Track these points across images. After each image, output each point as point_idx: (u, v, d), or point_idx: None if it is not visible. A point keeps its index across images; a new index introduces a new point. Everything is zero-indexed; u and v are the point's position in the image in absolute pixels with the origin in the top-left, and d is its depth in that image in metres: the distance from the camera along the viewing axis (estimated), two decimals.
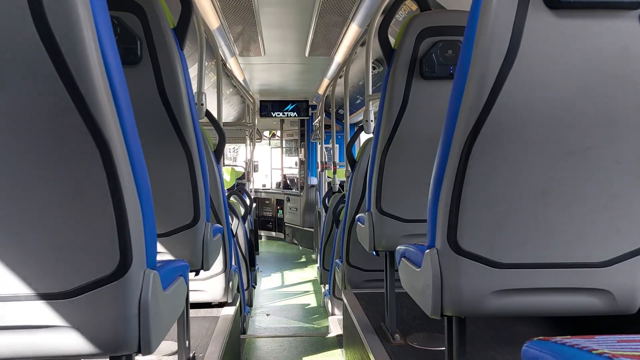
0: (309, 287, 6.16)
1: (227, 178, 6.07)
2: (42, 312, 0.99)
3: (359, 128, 3.72)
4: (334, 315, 4.35)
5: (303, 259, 8.11)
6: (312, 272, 7.03)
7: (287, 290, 6.04)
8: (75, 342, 1.01)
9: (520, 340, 2.19)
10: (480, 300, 1.26)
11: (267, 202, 10.34)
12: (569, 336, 0.83)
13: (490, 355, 2.02)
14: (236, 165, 8.89)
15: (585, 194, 1.22)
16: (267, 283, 6.42)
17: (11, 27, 0.87)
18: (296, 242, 9.50)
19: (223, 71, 5.52)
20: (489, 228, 1.24)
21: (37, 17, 0.86)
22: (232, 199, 4.75)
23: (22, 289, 0.98)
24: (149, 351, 1.05)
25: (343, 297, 3.13)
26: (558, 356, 0.77)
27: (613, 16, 1.11)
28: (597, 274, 1.26)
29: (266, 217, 10.33)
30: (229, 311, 2.80)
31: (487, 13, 1.11)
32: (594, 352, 0.73)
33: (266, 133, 10.92)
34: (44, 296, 0.99)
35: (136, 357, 1.12)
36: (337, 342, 3.89)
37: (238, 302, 3.04)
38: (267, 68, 6.59)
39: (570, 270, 1.26)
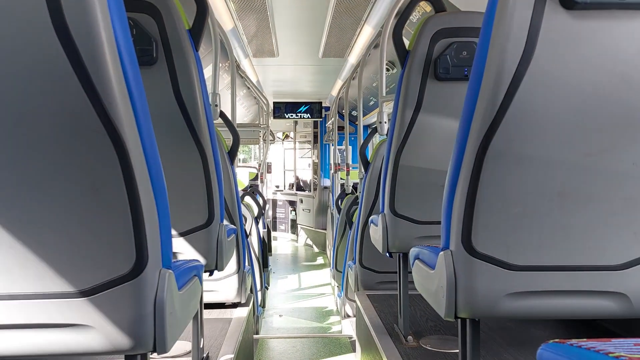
0: (322, 288, 6.16)
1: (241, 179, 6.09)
2: (60, 310, 1.00)
3: (372, 129, 3.71)
4: (347, 316, 4.35)
5: (315, 261, 8.11)
6: (324, 273, 7.02)
7: (299, 292, 6.05)
8: (91, 340, 1.02)
9: (534, 342, 2.18)
10: (494, 302, 1.25)
11: (280, 203, 10.37)
12: (585, 339, 0.82)
13: (504, 358, 2.00)
14: (249, 167, 8.93)
15: (601, 196, 1.21)
16: (280, 284, 6.43)
17: (30, 29, 0.88)
18: (309, 243, 9.50)
19: (237, 72, 5.54)
20: (504, 230, 1.23)
21: (55, 20, 0.87)
22: (245, 199, 4.77)
23: (39, 287, 1.00)
24: (164, 350, 1.05)
25: (356, 298, 3.13)
26: (575, 359, 0.77)
27: (630, 17, 1.10)
28: (613, 277, 1.25)
29: (279, 218, 10.35)
30: (242, 312, 2.81)
31: (503, 14, 1.10)
32: (610, 355, 0.72)
33: (279, 134, 10.94)
34: (62, 295, 1.00)
35: (150, 356, 1.13)
36: (350, 344, 3.89)
37: (251, 303, 3.05)
38: (280, 69, 6.60)
39: (586, 273, 1.25)
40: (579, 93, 1.13)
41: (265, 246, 4.84)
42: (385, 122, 3.01)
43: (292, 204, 10.09)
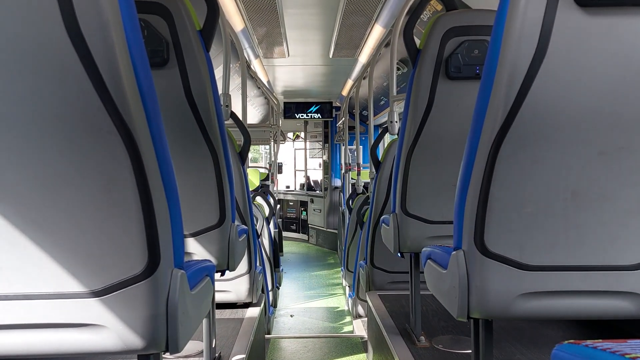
0: (333, 288, 6.16)
1: (252, 179, 6.11)
2: (73, 310, 1.01)
3: (383, 129, 3.71)
4: (358, 316, 4.34)
5: (326, 261, 8.11)
6: (335, 273, 7.02)
7: (311, 292, 6.05)
8: (104, 339, 1.02)
9: (547, 343, 2.16)
10: (507, 302, 1.24)
11: (290, 203, 10.37)
12: (599, 340, 0.81)
13: (517, 358, 1.99)
14: (260, 167, 8.95)
15: (616, 195, 1.19)
16: (291, 284, 6.43)
17: (43, 30, 0.88)
18: (320, 243, 9.50)
19: (247, 73, 5.55)
20: (517, 229, 1.22)
21: (68, 21, 0.88)
22: (256, 200, 4.78)
23: (53, 287, 1.00)
24: (176, 350, 1.06)
25: (367, 298, 3.13)
26: None
27: None
28: (627, 277, 1.24)
29: (290, 218, 10.36)
30: (254, 312, 2.82)
31: (515, 12, 1.09)
32: (627, 356, 0.71)
33: (290, 134, 10.95)
34: (75, 295, 1.01)
35: (163, 356, 1.14)
36: (362, 344, 3.88)
37: (263, 303, 3.05)
38: (291, 70, 6.61)
39: (600, 273, 1.24)
40: (593, 91, 1.12)
41: (277, 246, 4.84)
42: (396, 122, 3.01)
43: (303, 204, 10.09)
